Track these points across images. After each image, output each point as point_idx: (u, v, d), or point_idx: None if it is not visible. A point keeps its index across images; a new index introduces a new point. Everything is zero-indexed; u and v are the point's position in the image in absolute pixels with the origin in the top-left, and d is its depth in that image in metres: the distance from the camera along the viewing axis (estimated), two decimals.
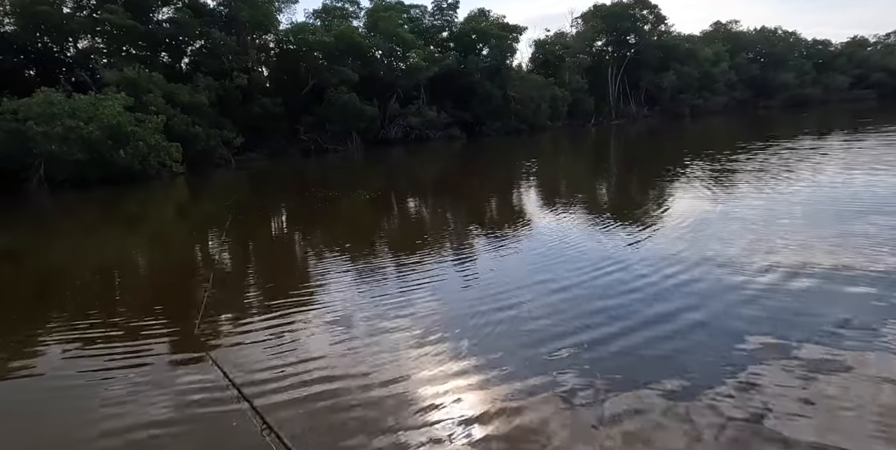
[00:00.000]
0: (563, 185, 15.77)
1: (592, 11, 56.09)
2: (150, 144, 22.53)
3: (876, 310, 4.46)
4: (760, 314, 4.56)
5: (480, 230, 9.30)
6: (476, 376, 3.86)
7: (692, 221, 8.32)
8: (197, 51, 33.15)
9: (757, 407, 3.21)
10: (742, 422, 3.08)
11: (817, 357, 3.75)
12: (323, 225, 11.37)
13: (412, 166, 26.24)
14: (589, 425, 3.16)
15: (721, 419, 3.12)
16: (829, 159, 14.54)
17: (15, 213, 16.94)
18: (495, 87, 43.19)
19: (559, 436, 3.08)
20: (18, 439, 3.54)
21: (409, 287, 6.09)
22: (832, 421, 3.04)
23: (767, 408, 3.19)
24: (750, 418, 3.12)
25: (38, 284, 7.92)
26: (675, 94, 57.33)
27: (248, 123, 31.80)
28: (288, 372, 4.09)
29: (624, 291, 5.37)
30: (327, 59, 35.67)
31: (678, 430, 3.06)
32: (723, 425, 3.07)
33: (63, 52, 30.94)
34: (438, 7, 46.23)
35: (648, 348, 4.10)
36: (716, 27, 70.13)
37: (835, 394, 3.29)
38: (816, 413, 3.12)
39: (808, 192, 10.15)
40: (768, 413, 3.14)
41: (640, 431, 3.07)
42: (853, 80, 69.77)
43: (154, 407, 3.74)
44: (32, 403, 3.98)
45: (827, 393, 3.31)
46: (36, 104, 20.94)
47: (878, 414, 3.07)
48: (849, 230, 6.95)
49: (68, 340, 5.17)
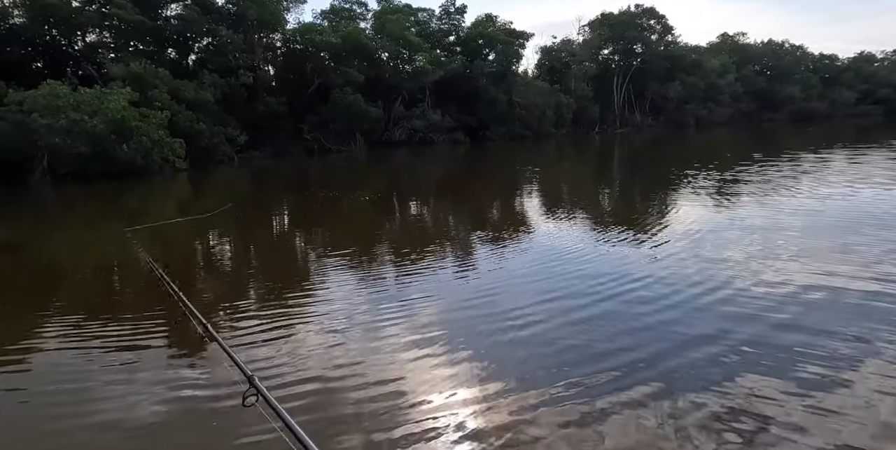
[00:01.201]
0: (565, 192, 15.71)
1: (600, 20, 56.20)
2: (154, 139, 22.51)
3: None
4: (762, 330, 4.49)
5: (478, 234, 9.24)
6: (470, 379, 3.79)
7: (695, 231, 8.25)
8: (204, 48, 33.22)
9: (760, 424, 3.13)
10: (741, 438, 3.01)
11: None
12: (321, 225, 11.31)
13: (415, 169, 26.22)
14: (587, 440, 3.08)
15: (719, 428, 3.04)
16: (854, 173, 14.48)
17: (16, 205, 16.90)
18: (500, 93, 43.21)
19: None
20: (9, 431, 3.47)
21: (401, 289, 6.03)
22: (836, 435, 2.97)
23: (772, 423, 3.12)
24: (754, 435, 3.04)
25: (35, 276, 7.86)
26: (680, 104, 57.32)
27: (252, 122, 31.81)
28: (283, 368, 4.04)
29: (625, 302, 5.29)
30: (333, 60, 35.73)
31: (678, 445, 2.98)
32: (721, 439, 2.99)
33: (71, 45, 31.01)
34: (446, 11, 46.33)
35: (648, 360, 4.03)
36: (723, 39, 70.26)
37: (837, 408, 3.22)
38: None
39: (823, 205, 10.09)
40: (772, 428, 3.07)
41: (637, 446, 3.00)
42: (859, 95, 69.75)
43: (150, 397, 3.71)
44: (24, 395, 3.91)
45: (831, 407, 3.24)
46: (41, 96, 20.94)
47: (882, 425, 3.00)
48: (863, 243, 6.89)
49: (62, 331, 5.11)
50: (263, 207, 14.22)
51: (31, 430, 3.46)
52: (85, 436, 3.33)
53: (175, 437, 3.29)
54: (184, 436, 3.31)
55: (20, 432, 3.46)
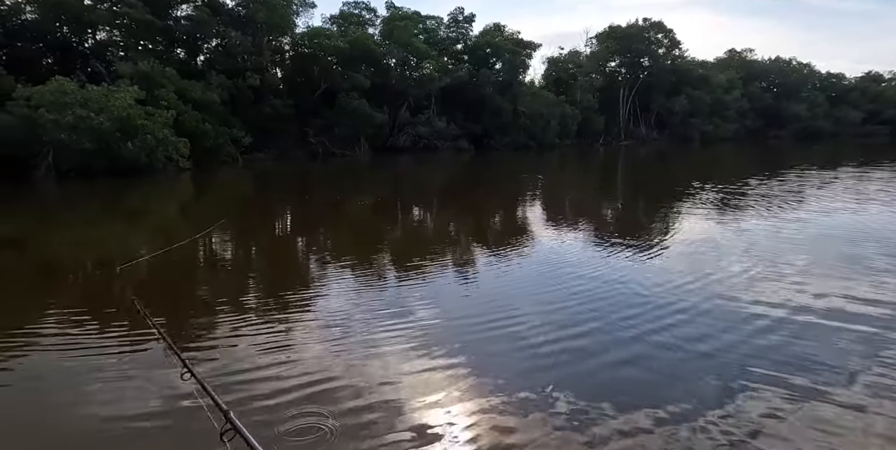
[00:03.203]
0: (568, 204, 15.68)
1: (608, 32, 56.42)
2: (159, 138, 22.58)
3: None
4: (761, 343, 4.44)
5: (477, 244, 9.21)
6: (465, 384, 3.75)
7: (695, 245, 8.21)
8: (212, 49, 33.45)
9: (749, 433, 3.09)
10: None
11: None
12: (320, 230, 11.29)
13: (418, 175, 26.24)
14: (579, 445, 3.05)
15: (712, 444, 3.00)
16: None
17: (19, 201, 16.94)
18: (506, 102, 43.33)
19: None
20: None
21: (399, 296, 5.99)
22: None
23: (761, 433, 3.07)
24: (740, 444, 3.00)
25: (31, 273, 7.85)
26: (685, 118, 57.34)
27: (257, 123, 31.92)
28: (265, 374, 4.00)
29: (625, 315, 5.24)
30: (341, 65, 35.92)
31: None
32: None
33: (81, 42, 31.23)
34: (454, 19, 46.59)
35: (647, 370, 4.00)
36: (730, 54, 70.49)
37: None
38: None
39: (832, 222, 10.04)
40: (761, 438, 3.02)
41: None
42: (865, 115, 69.72)
43: (131, 399, 3.71)
44: (10, 392, 3.88)
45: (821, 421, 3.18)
46: (49, 92, 21.05)
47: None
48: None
49: (54, 329, 5.09)
50: (258, 219, 13.37)
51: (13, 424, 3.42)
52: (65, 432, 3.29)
53: (153, 435, 3.26)
54: (160, 434, 3.28)
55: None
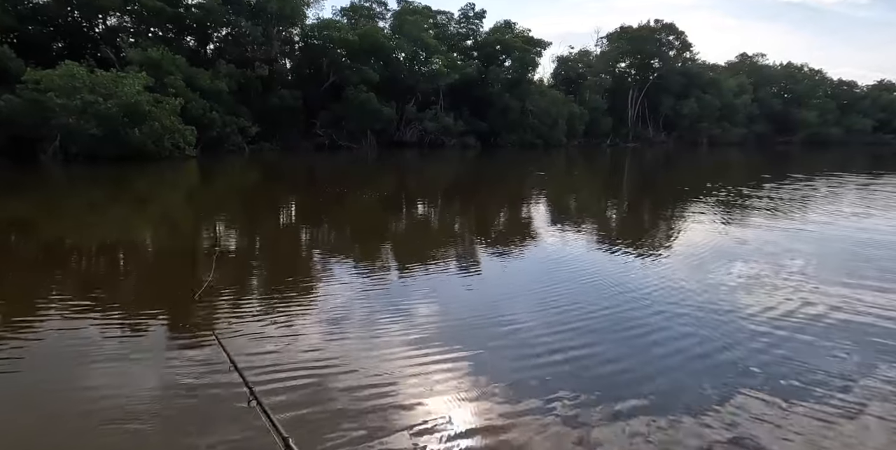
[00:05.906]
0: (573, 205, 15.60)
1: (618, 33, 56.13)
2: (166, 125, 22.64)
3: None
4: (761, 349, 4.40)
5: (480, 240, 9.17)
6: (465, 384, 3.72)
7: (699, 249, 8.15)
8: (222, 38, 33.50)
9: (746, 436, 3.05)
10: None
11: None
12: (323, 223, 11.28)
13: (424, 170, 26.19)
14: (575, 444, 3.02)
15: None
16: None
17: (26, 183, 16.99)
18: (514, 100, 43.23)
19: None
20: (10, 410, 3.41)
21: (397, 293, 5.97)
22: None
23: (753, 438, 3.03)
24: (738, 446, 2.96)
25: (41, 254, 7.87)
26: (694, 121, 57.04)
27: (265, 114, 31.97)
28: (280, 360, 3.99)
29: (625, 316, 5.19)
30: (350, 57, 35.88)
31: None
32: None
33: (91, 27, 31.32)
34: (465, 15, 46.49)
35: (644, 374, 3.96)
36: (741, 59, 69.99)
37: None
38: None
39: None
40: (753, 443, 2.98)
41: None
42: (876, 123, 69.24)
43: (148, 378, 3.69)
44: (25, 375, 3.87)
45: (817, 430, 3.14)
46: (58, 76, 21.12)
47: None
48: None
49: (63, 311, 5.09)
50: (257, 222, 13.90)
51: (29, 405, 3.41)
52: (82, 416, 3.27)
53: (171, 416, 3.24)
54: (178, 415, 3.26)
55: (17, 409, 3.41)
